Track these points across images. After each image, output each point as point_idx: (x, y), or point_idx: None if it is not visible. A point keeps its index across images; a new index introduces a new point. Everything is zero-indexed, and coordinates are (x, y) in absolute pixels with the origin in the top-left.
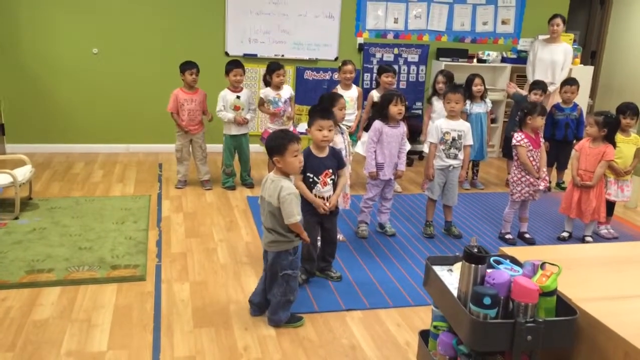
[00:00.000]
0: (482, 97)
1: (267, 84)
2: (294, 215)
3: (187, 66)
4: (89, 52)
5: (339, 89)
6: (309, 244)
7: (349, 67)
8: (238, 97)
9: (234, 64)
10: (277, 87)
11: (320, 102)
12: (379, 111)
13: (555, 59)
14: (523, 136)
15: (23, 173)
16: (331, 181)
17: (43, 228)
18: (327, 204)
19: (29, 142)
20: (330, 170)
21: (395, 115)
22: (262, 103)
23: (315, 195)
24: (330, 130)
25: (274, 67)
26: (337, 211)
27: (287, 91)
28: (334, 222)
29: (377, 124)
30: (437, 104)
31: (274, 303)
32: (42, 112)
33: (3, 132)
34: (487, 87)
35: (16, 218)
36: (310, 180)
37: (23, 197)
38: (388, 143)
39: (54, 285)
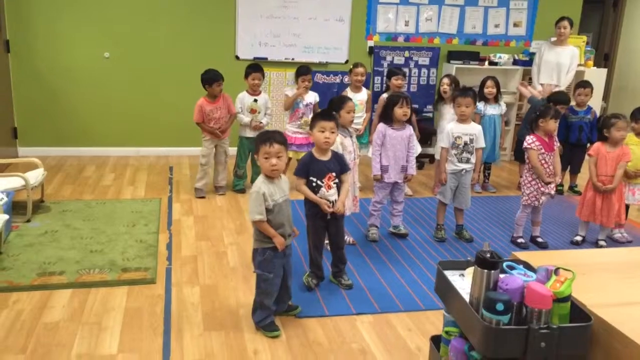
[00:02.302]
0: (497, 100)
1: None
2: (253, 213)
3: (216, 78)
4: (100, 56)
5: (349, 92)
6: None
7: (361, 69)
8: (255, 100)
9: (253, 68)
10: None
11: (330, 105)
12: (384, 113)
13: (561, 61)
14: (535, 139)
15: (35, 176)
16: (335, 185)
17: (54, 231)
18: (332, 207)
19: (42, 145)
20: (334, 174)
21: (400, 117)
22: (288, 102)
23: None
24: (332, 132)
25: (301, 71)
26: (342, 217)
27: (312, 96)
28: (339, 227)
29: (380, 126)
30: (443, 109)
31: (253, 301)
32: (54, 116)
33: (16, 135)
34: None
35: (28, 221)
36: (314, 184)
37: (35, 200)
38: (392, 146)
39: (65, 288)
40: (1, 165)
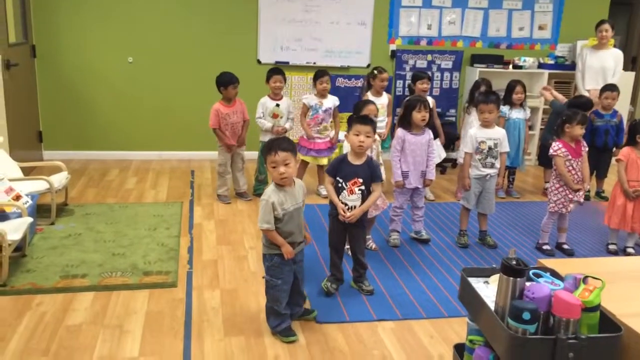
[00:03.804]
0: (522, 104)
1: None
2: (261, 222)
3: (232, 80)
4: (124, 61)
5: (370, 96)
6: (291, 256)
7: (385, 74)
8: (278, 105)
9: (274, 71)
10: (322, 95)
11: (354, 109)
12: (402, 118)
13: (605, 65)
14: (561, 145)
15: (59, 179)
16: (359, 191)
17: (78, 234)
18: (348, 214)
19: (66, 149)
20: (361, 180)
21: (418, 122)
22: (304, 112)
23: (341, 202)
24: (367, 137)
25: (318, 74)
26: (361, 224)
27: (331, 101)
28: (357, 234)
29: (399, 132)
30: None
31: (265, 306)
32: (78, 120)
33: (41, 139)
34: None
35: (52, 224)
36: (339, 184)
37: (59, 203)
38: (412, 151)
39: (87, 291)
40: (26, 169)
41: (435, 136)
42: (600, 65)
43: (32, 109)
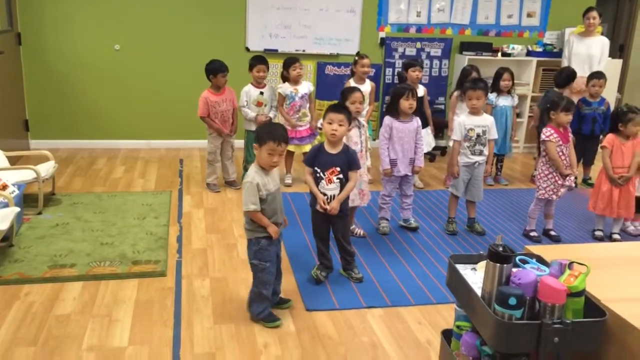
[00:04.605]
0: (509, 92)
1: (286, 79)
2: (247, 204)
3: (222, 68)
4: (111, 49)
5: (352, 82)
6: (276, 238)
7: (367, 60)
8: (261, 93)
9: (258, 60)
10: (296, 82)
11: (341, 97)
12: (390, 106)
13: (592, 52)
14: (552, 131)
15: (46, 169)
16: (338, 180)
17: (66, 223)
18: (327, 204)
19: (53, 138)
20: (338, 169)
21: (406, 109)
22: (281, 103)
23: (320, 192)
24: (340, 125)
25: (289, 61)
26: (344, 214)
27: (306, 86)
28: (341, 225)
29: (386, 119)
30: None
31: (250, 293)
32: (65, 108)
33: (27, 128)
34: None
35: (39, 213)
36: (318, 175)
37: (46, 192)
38: (399, 139)
39: (76, 280)
40: (13, 158)
41: (426, 125)
42: (587, 53)
43: (18, 98)
